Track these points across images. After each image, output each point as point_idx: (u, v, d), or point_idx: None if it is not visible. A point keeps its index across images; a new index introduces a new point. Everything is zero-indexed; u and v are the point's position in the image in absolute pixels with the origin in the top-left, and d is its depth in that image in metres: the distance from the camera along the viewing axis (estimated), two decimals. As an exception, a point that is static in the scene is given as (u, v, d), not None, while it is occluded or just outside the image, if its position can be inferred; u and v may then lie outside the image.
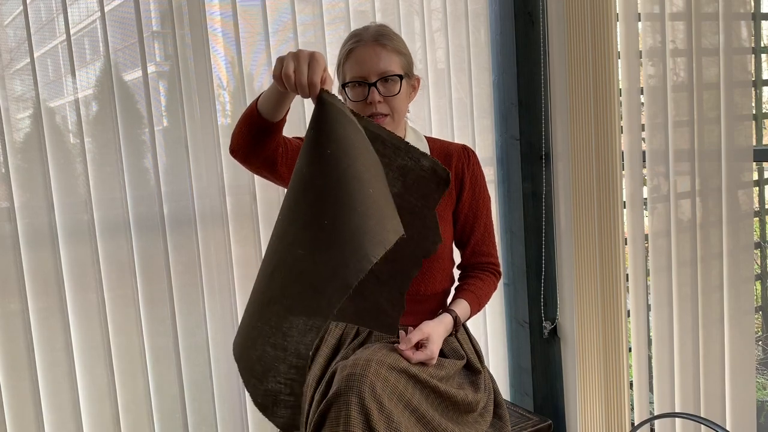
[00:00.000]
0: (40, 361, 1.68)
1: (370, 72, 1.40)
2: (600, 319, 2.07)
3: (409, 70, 1.47)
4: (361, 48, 1.41)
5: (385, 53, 1.40)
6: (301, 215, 1.05)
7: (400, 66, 1.43)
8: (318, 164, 1.05)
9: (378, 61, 1.40)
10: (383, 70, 1.40)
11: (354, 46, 1.41)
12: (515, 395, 2.37)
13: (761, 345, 2.73)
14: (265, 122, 1.31)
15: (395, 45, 1.43)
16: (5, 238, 1.63)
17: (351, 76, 1.42)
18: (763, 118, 2.22)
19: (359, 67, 1.40)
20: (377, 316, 1.31)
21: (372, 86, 1.40)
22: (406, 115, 1.52)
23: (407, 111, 1.52)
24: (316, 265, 1.01)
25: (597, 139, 2.00)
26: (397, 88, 1.41)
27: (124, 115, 1.73)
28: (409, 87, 1.48)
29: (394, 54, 1.42)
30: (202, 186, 1.81)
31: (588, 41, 1.98)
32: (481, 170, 1.55)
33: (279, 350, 1.07)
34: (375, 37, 1.41)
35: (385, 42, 1.41)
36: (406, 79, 1.45)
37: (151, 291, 1.79)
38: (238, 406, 1.91)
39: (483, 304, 1.55)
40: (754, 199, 2.26)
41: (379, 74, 1.40)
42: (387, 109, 1.41)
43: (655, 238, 1.91)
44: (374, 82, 1.39)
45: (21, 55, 1.64)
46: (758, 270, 2.49)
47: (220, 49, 1.85)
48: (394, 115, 1.43)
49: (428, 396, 1.34)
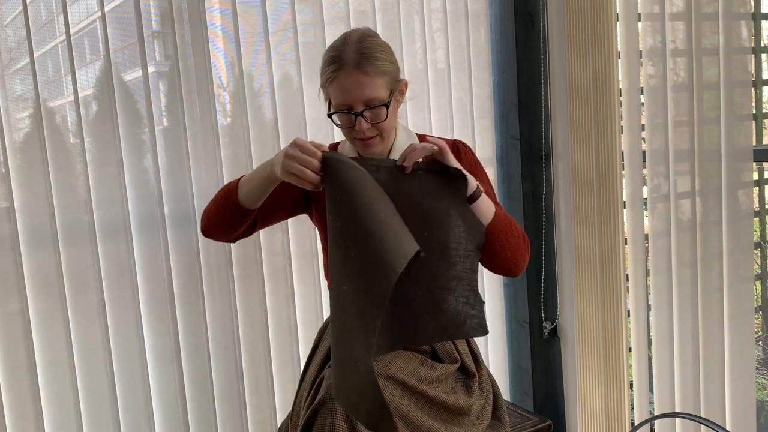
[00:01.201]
0: (40, 361, 1.68)
1: (355, 102, 1.34)
2: (600, 319, 2.07)
3: (395, 85, 1.39)
4: (344, 77, 1.33)
5: (369, 80, 1.33)
6: (338, 258, 1.20)
7: (386, 88, 1.36)
8: (334, 212, 1.21)
9: (362, 91, 1.33)
10: (368, 98, 1.34)
11: (335, 74, 1.34)
12: (515, 395, 2.37)
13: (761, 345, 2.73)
14: (246, 210, 1.37)
15: (378, 67, 1.34)
16: (5, 238, 1.63)
17: (336, 104, 1.36)
18: (763, 118, 2.22)
19: (343, 96, 1.34)
20: (464, 322, 1.31)
21: (358, 116, 1.35)
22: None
23: (397, 117, 1.48)
24: (356, 293, 1.16)
25: (597, 139, 2.00)
26: (383, 114, 1.36)
27: (124, 115, 1.73)
28: (397, 101, 1.42)
29: (377, 78, 1.34)
30: (202, 186, 1.81)
31: (588, 41, 1.98)
32: (475, 158, 1.51)
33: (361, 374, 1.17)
34: (356, 62, 1.33)
35: (368, 67, 1.33)
36: (393, 97, 1.39)
37: (151, 291, 1.79)
38: (238, 406, 1.91)
39: (509, 224, 1.40)
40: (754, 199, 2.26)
41: (365, 103, 1.34)
42: (375, 131, 1.38)
43: (655, 238, 1.91)
44: (360, 111, 1.34)
45: (21, 55, 1.64)
46: (758, 270, 2.49)
47: (220, 49, 1.85)
48: (383, 134, 1.39)
49: (418, 401, 1.33)
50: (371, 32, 1.41)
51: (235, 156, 1.86)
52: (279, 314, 1.94)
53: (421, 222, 1.29)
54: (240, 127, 1.86)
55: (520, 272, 1.43)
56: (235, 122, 1.87)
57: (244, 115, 1.86)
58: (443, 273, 1.30)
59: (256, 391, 1.93)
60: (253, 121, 1.87)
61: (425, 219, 1.30)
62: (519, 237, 1.40)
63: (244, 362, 1.90)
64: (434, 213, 1.30)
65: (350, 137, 1.40)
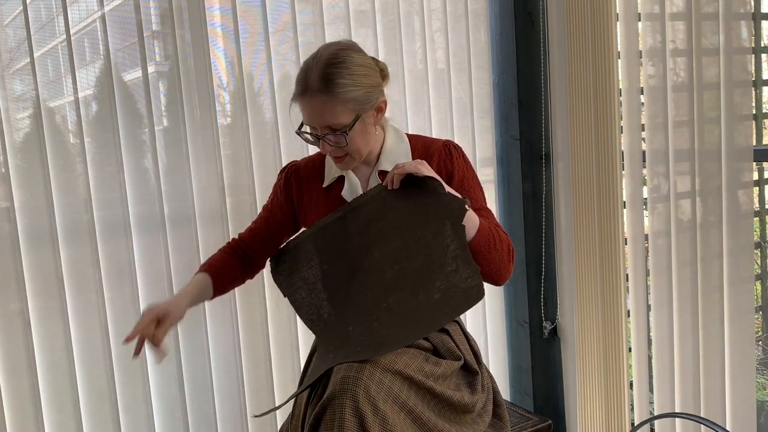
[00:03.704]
0: (40, 362, 1.68)
1: (317, 125, 1.37)
2: (600, 319, 2.07)
3: (363, 107, 1.38)
4: (307, 99, 1.36)
5: (330, 106, 1.34)
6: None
7: (348, 113, 1.36)
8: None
9: (323, 115, 1.35)
10: (328, 123, 1.36)
11: (299, 96, 1.37)
12: (515, 395, 2.37)
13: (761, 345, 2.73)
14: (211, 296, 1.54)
15: (339, 94, 1.34)
16: (5, 238, 1.63)
17: (302, 121, 1.41)
18: (763, 118, 2.22)
19: (307, 118, 1.39)
20: (469, 296, 1.36)
21: (321, 138, 1.39)
22: (383, 118, 1.49)
23: (375, 133, 1.46)
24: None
25: (597, 139, 2.00)
26: (344, 141, 1.37)
27: (124, 115, 1.73)
28: (365, 122, 1.41)
29: (339, 104, 1.34)
30: (202, 186, 1.81)
31: (588, 41, 1.98)
32: (466, 160, 1.50)
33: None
34: (320, 86, 1.33)
35: (330, 92, 1.33)
36: (360, 120, 1.38)
37: (151, 291, 1.79)
38: (238, 406, 1.91)
39: (492, 238, 1.40)
40: (754, 199, 2.26)
41: (325, 127, 1.37)
42: (341, 152, 1.41)
43: (655, 238, 1.91)
44: (323, 135, 1.38)
45: (21, 55, 1.64)
46: (758, 270, 2.49)
47: (219, 49, 1.85)
48: (353, 154, 1.41)
49: (424, 397, 1.34)
50: (343, 52, 1.38)
51: (235, 156, 1.86)
52: (279, 314, 1.94)
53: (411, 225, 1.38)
54: (240, 127, 1.86)
55: (502, 282, 1.44)
56: (235, 122, 1.87)
57: (244, 115, 1.86)
58: (439, 266, 1.35)
59: (256, 391, 1.93)
60: (253, 121, 1.87)
61: (415, 220, 1.37)
62: (503, 250, 1.40)
63: (244, 362, 1.90)
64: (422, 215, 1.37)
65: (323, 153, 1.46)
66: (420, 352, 1.40)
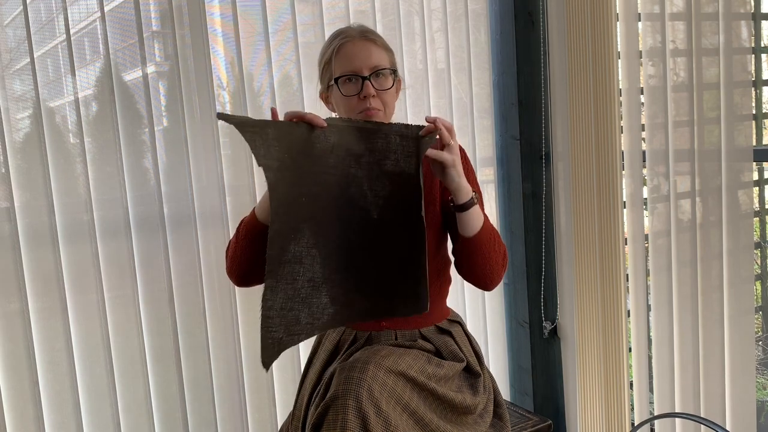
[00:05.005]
0: (40, 361, 1.68)
1: (363, 66, 1.39)
2: (600, 319, 2.07)
3: (395, 68, 1.47)
4: (351, 44, 1.40)
5: (375, 48, 1.41)
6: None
7: (389, 62, 1.44)
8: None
9: (369, 55, 1.40)
10: (375, 64, 1.40)
11: (343, 42, 1.41)
12: (515, 395, 2.37)
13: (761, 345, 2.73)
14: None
15: (381, 41, 1.44)
16: (5, 238, 1.63)
17: (342, 71, 1.40)
18: (763, 118, 2.21)
19: (350, 62, 1.40)
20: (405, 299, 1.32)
21: (366, 80, 1.39)
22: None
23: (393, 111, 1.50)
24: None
25: (597, 139, 2.00)
26: (389, 82, 1.41)
27: (124, 115, 1.73)
28: (395, 87, 1.46)
29: (382, 50, 1.43)
30: (202, 186, 1.81)
31: (588, 41, 1.98)
32: (467, 161, 1.51)
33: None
34: (362, 33, 1.42)
35: (374, 38, 1.43)
36: (396, 75, 1.45)
37: (151, 291, 1.79)
38: (238, 406, 1.91)
39: (493, 238, 1.40)
40: (754, 199, 2.26)
41: (372, 68, 1.39)
42: (380, 104, 1.40)
43: (655, 238, 1.91)
44: (368, 75, 1.39)
45: (21, 55, 1.64)
46: (758, 270, 2.49)
47: (219, 49, 1.85)
48: (386, 109, 1.42)
49: (426, 398, 1.34)
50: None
51: (235, 156, 1.86)
52: (279, 314, 1.94)
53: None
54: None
55: (493, 287, 1.43)
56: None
57: (244, 115, 1.86)
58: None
59: (256, 391, 1.93)
60: (253, 121, 1.87)
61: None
62: (500, 253, 1.40)
63: (244, 362, 1.90)
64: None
65: (354, 109, 1.40)
66: (422, 353, 1.41)
